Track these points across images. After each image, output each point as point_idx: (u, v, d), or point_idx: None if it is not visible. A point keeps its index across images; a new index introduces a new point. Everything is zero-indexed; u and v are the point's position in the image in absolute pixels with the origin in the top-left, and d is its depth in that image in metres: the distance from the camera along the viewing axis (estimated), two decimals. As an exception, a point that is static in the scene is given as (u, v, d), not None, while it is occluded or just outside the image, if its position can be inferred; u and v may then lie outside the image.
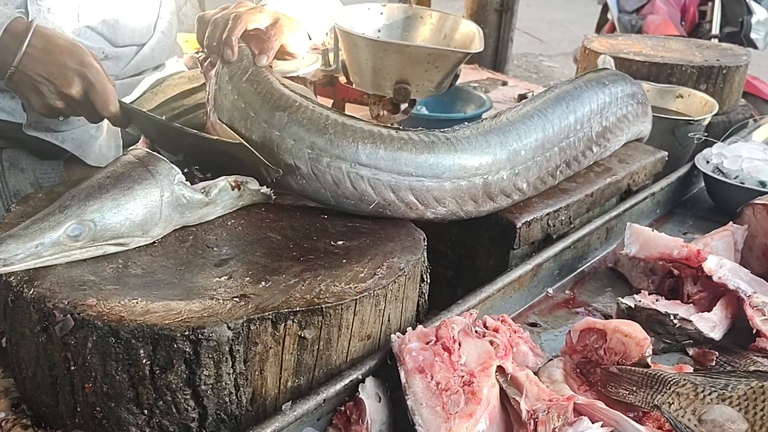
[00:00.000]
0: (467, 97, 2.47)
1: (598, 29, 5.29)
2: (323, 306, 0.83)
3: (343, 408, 0.85)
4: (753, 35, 4.16)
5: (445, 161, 1.11)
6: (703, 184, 1.61)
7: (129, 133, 1.37)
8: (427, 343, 0.87)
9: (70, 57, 1.03)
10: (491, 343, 0.87)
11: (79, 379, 0.80)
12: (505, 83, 3.24)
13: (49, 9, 1.17)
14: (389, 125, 1.16)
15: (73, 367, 0.79)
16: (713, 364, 1.01)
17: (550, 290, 1.21)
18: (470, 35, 1.90)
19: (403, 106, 1.96)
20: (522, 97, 1.93)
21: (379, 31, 1.96)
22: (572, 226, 1.31)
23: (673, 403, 0.83)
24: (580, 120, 1.36)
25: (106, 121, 1.34)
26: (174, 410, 0.79)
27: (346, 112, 1.65)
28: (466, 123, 1.24)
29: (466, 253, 1.29)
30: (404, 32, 2.01)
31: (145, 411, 0.79)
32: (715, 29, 4.22)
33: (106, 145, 1.29)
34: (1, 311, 0.88)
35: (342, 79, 2.12)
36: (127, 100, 1.38)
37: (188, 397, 0.79)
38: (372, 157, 1.05)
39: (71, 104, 1.05)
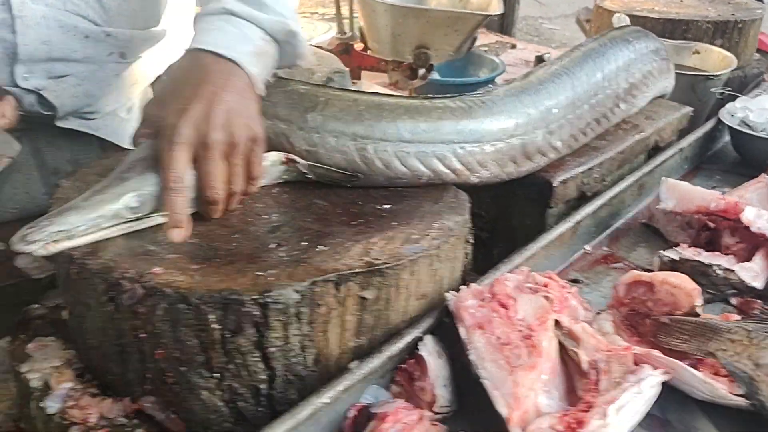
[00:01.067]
0: (479, 62, 2.46)
1: (600, -11, 5.23)
2: (382, 267, 0.84)
3: (404, 365, 0.87)
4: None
5: (484, 125, 1.11)
6: (727, 138, 1.62)
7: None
8: (483, 300, 0.88)
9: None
10: (545, 298, 0.89)
11: (149, 347, 0.82)
12: (513, 46, 3.22)
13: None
14: (421, 96, 1.16)
15: (142, 335, 0.81)
16: (757, 312, 1.03)
17: (588, 247, 1.22)
18: (488, -2, 1.89)
19: (421, 72, 1.96)
20: (539, 59, 1.93)
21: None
22: (604, 183, 1.32)
23: (727, 349, 0.85)
24: (608, 77, 1.37)
25: (136, 101, 1.35)
26: (244, 372, 0.81)
27: (372, 88, 1.65)
28: (490, 86, 1.24)
29: (501, 214, 1.30)
30: (422, -3, 1.99)
31: (216, 374, 0.81)
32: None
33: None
34: (62, 284, 0.90)
35: (357, 46, 2.11)
36: (148, 76, 1.35)
37: (258, 359, 0.81)
38: (415, 132, 1.06)
39: None
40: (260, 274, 0.80)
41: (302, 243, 0.88)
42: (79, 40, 1.15)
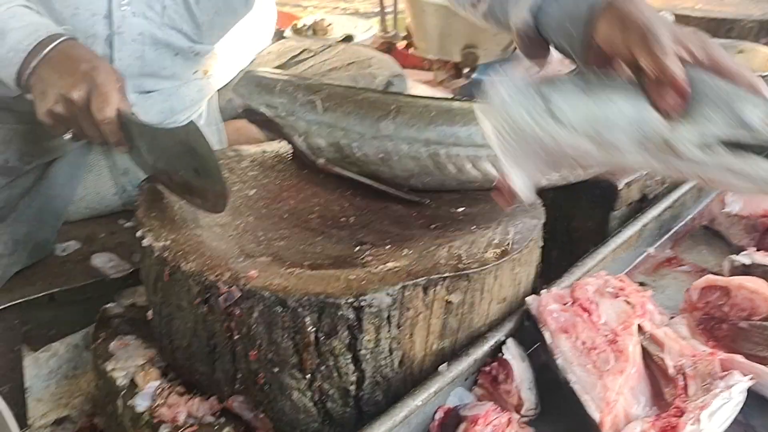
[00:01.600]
0: (519, 59, 2.46)
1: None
2: (469, 271, 0.85)
3: (487, 368, 0.88)
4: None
5: None
6: (780, 139, 1.61)
7: (226, 113, 1.39)
8: (565, 305, 0.89)
9: (85, 62, 0.96)
10: (627, 302, 0.90)
11: (242, 347, 0.83)
12: (547, 43, 3.21)
13: (134, 13, 1.14)
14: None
15: (236, 336, 0.83)
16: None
17: (651, 250, 1.23)
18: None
19: (465, 71, 1.97)
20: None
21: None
22: (665, 185, 1.32)
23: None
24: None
25: (205, 103, 1.37)
26: (335, 374, 0.82)
27: (417, 87, 1.65)
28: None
29: (561, 215, 1.31)
30: (465, -5, 2.00)
31: (308, 376, 0.83)
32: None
33: (208, 130, 1.32)
34: (151, 286, 0.92)
35: (400, 44, 2.12)
36: (226, 79, 1.38)
37: (349, 361, 0.82)
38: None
39: (72, 110, 0.95)
40: (353, 278, 0.82)
41: (387, 246, 0.90)
42: (170, 57, 1.19)
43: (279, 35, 2.24)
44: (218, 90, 1.36)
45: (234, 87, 1.08)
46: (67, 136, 1.01)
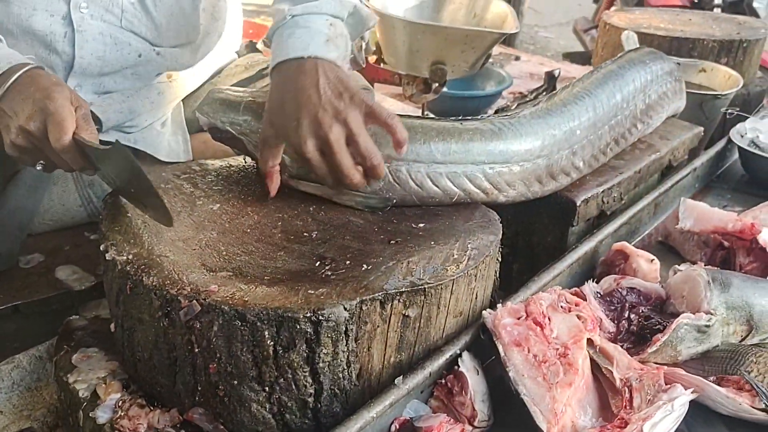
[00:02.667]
0: (487, 74, 2.50)
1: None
2: (425, 286, 0.88)
3: (443, 381, 0.91)
4: (755, 4, 4.19)
5: (512, 146, 1.16)
6: (735, 157, 1.67)
7: (193, 125, 1.40)
8: (519, 318, 0.92)
9: (40, 92, 0.95)
10: (578, 317, 0.93)
11: (202, 360, 0.85)
12: (518, 58, 3.27)
13: (92, 15, 1.17)
14: (454, 119, 1.20)
15: (196, 350, 0.84)
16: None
17: (608, 264, 1.26)
18: (502, 15, 1.94)
19: (434, 86, 2.00)
20: (550, 75, 1.97)
21: (410, 9, 1.98)
22: (623, 202, 1.37)
23: (752, 371, 0.90)
24: (626, 98, 1.41)
25: (170, 115, 1.38)
26: (293, 387, 0.84)
27: (386, 101, 1.68)
28: (514, 103, 1.29)
29: (522, 230, 1.34)
30: (434, 13, 2.04)
31: (267, 388, 0.84)
32: (719, -1, 4.25)
33: (174, 140, 1.33)
34: (114, 299, 0.93)
35: (371, 59, 2.15)
36: (185, 92, 1.40)
37: (307, 374, 0.84)
38: (446, 154, 1.10)
39: (32, 141, 0.96)
40: (311, 292, 0.84)
41: (347, 262, 0.92)
42: (133, 58, 1.21)
43: (252, 47, 2.26)
44: (183, 99, 1.37)
45: (198, 107, 1.10)
46: (38, 167, 1.01)
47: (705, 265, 1.17)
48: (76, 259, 1.20)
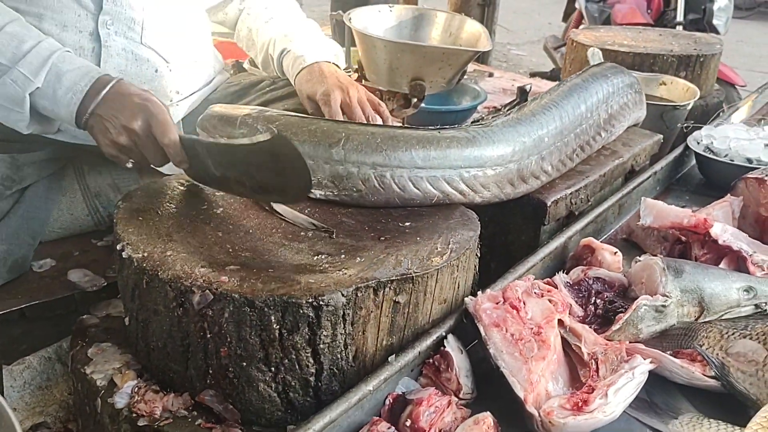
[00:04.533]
0: (462, 90, 2.63)
1: (566, 18, 5.50)
2: (413, 275, 0.98)
3: (431, 360, 1.01)
4: (715, 21, 4.40)
5: (486, 152, 1.27)
6: (693, 162, 1.81)
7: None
8: (497, 303, 1.03)
9: (137, 97, 1.12)
10: (550, 301, 1.04)
11: (213, 345, 0.94)
12: (491, 74, 3.42)
13: (116, 32, 1.30)
14: (433, 128, 1.31)
15: (209, 335, 0.93)
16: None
17: (577, 259, 1.38)
18: (476, 34, 2.07)
19: (414, 101, 2.12)
20: (522, 90, 2.10)
21: (389, 29, 2.11)
22: (589, 203, 1.49)
23: (703, 344, 1.01)
24: (590, 109, 1.54)
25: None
26: (297, 367, 0.94)
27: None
28: (489, 116, 1.41)
29: (499, 230, 1.46)
30: (413, 32, 2.16)
31: (273, 369, 0.94)
32: (680, 16, 4.45)
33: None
34: (129, 294, 1.02)
35: (353, 76, 2.26)
36: (181, 116, 1.51)
37: (309, 355, 0.94)
38: (426, 159, 1.21)
39: (134, 139, 1.11)
40: (312, 281, 0.94)
41: (342, 256, 1.02)
42: (150, 73, 1.34)
43: (239, 67, 2.36)
44: (182, 119, 1.47)
45: (199, 122, 1.20)
46: (129, 165, 1.16)
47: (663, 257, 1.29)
48: (85, 263, 1.29)
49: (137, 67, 1.31)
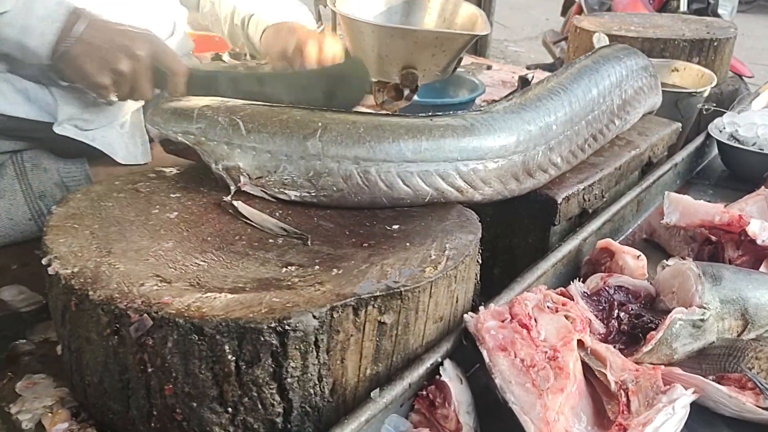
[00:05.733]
0: (459, 82, 2.45)
1: (564, 11, 5.34)
2: (402, 289, 0.81)
3: (424, 392, 0.83)
4: (720, 11, 4.24)
5: (486, 142, 1.10)
6: (715, 152, 1.64)
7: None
8: (503, 321, 0.86)
9: (130, 27, 1.10)
10: (566, 317, 0.86)
11: (156, 381, 0.77)
12: (489, 67, 3.24)
13: None
14: (422, 114, 1.14)
15: (150, 369, 0.76)
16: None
17: (593, 264, 1.21)
18: (472, 18, 1.89)
19: (406, 92, 1.94)
20: (524, 80, 1.93)
21: (378, 15, 1.94)
22: (604, 199, 1.32)
23: (753, 367, 0.84)
24: (602, 93, 1.37)
25: (129, 117, 1.30)
26: (259, 406, 0.76)
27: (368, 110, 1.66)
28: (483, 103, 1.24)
29: (502, 232, 1.28)
30: (404, 17, 1.99)
31: (230, 409, 0.76)
32: (683, 6, 4.29)
33: (131, 142, 1.25)
34: (59, 318, 0.84)
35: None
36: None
37: (274, 391, 0.76)
38: (417, 151, 1.03)
39: (134, 66, 1.08)
40: (276, 300, 0.76)
41: (316, 267, 0.85)
42: None
43: (217, 58, 2.20)
44: (143, 107, 1.30)
45: (148, 117, 1.04)
46: (113, 98, 1.13)
47: (693, 260, 1.12)
48: (23, 278, 1.11)
49: None
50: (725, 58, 2.28)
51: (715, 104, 1.80)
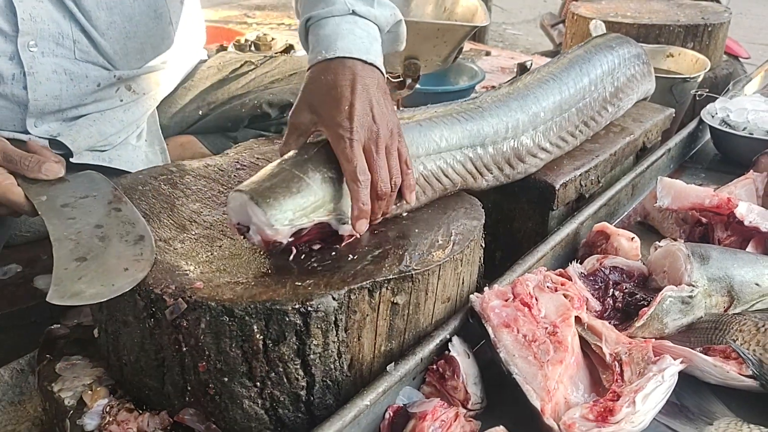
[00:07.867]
0: (459, 69, 2.51)
1: (562, -6, 5.36)
2: (413, 272, 0.88)
3: (435, 366, 0.90)
4: (718, -5, 4.28)
5: (484, 128, 1.16)
6: (707, 137, 1.70)
7: (169, 129, 1.38)
8: (506, 300, 0.93)
9: None
10: (565, 296, 0.93)
11: (190, 359, 0.84)
12: (488, 53, 3.29)
13: (43, 53, 1.12)
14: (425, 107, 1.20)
15: (184, 348, 0.83)
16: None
17: (589, 246, 1.27)
18: (472, 8, 1.95)
19: (408, 81, 2.00)
20: (522, 66, 1.98)
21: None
22: (600, 185, 1.38)
23: (737, 339, 0.91)
24: (594, 82, 1.43)
25: (145, 126, 1.35)
26: (285, 380, 0.84)
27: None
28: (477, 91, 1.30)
29: (503, 217, 1.35)
30: (405, 8, 2.04)
31: (258, 383, 0.83)
32: (680, -12, 4.32)
33: (150, 150, 1.30)
34: (96, 304, 0.91)
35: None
36: (160, 96, 1.37)
37: (298, 366, 0.83)
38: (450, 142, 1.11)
39: None
40: (299, 284, 0.83)
41: (332, 253, 0.91)
42: (92, 89, 1.17)
43: (222, 51, 2.24)
44: (158, 107, 1.35)
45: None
46: None
47: (684, 241, 1.19)
48: (54, 268, 1.17)
49: (75, 87, 1.15)
50: (719, 42, 2.33)
51: (708, 89, 1.85)
